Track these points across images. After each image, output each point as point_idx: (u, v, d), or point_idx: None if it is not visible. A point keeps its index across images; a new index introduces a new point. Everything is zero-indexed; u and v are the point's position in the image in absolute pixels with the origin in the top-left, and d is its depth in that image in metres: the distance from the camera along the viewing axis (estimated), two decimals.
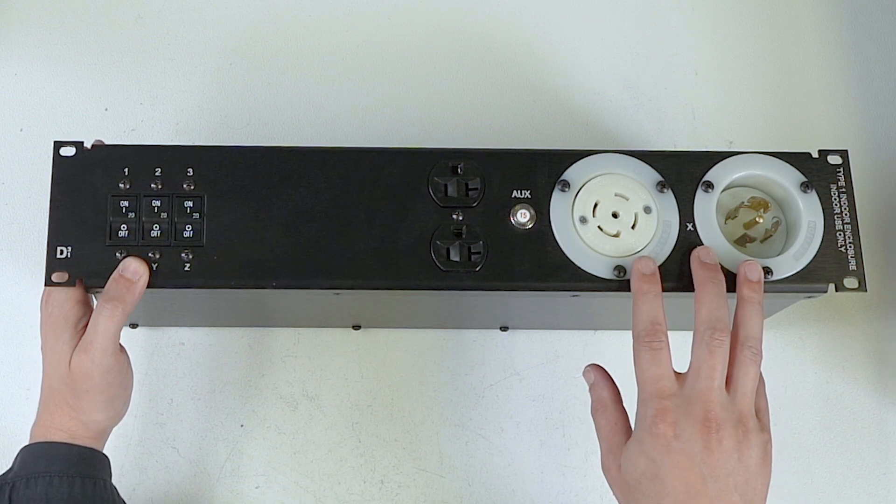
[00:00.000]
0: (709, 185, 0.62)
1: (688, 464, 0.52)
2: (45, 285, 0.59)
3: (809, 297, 0.62)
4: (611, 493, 0.56)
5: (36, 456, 0.58)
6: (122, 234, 0.59)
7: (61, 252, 0.59)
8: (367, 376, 0.73)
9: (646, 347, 0.55)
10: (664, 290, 0.59)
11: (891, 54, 0.83)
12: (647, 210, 0.61)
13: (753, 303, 0.57)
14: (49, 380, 0.59)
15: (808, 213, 0.61)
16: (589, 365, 0.61)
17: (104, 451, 0.61)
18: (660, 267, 0.60)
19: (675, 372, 0.55)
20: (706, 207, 0.61)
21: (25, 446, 0.59)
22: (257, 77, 0.80)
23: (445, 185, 0.61)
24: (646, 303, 0.57)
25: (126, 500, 0.68)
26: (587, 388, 0.60)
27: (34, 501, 0.56)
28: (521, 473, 0.71)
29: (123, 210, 0.60)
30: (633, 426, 0.56)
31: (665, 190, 0.62)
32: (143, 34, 0.81)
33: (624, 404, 0.58)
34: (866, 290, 0.61)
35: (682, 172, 0.62)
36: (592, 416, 0.58)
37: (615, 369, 0.74)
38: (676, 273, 0.60)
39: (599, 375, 0.60)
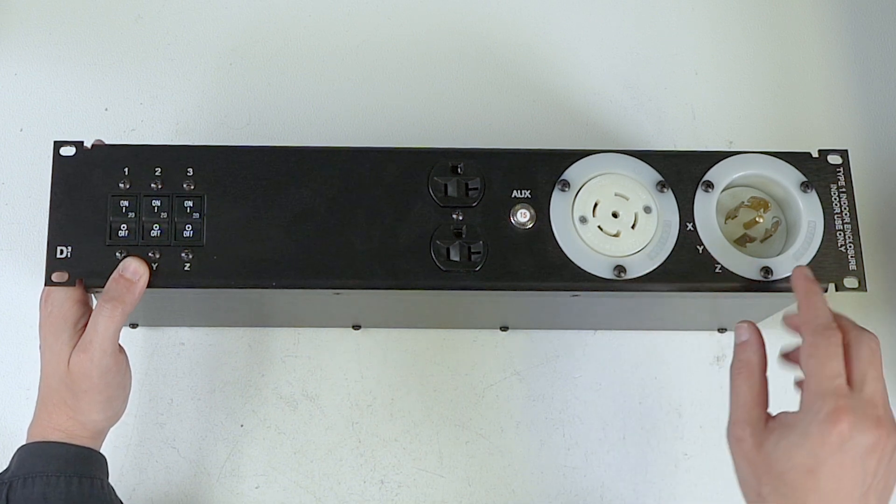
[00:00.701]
0: (709, 185, 0.62)
1: (851, 465, 0.50)
2: (45, 285, 0.59)
3: None
4: (611, 493, 0.56)
5: (33, 455, 0.58)
6: (122, 233, 0.59)
7: (61, 252, 0.59)
8: (367, 376, 0.73)
9: (825, 341, 0.52)
10: (663, 290, 0.59)
11: (891, 54, 0.83)
12: (647, 210, 0.61)
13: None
14: (47, 379, 0.59)
15: (808, 212, 0.62)
16: (744, 321, 0.57)
17: (101, 451, 0.61)
18: (660, 267, 0.60)
19: None
20: (706, 207, 0.61)
21: (22, 446, 0.59)
22: (257, 77, 0.80)
23: (445, 185, 0.61)
24: (819, 298, 0.55)
25: (126, 500, 0.68)
26: (588, 387, 0.60)
27: (32, 501, 0.56)
28: (521, 473, 0.71)
29: (123, 210, 0.60)
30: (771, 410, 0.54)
31: (665, 190, 0.62)
32: (143, 34, 0.81)
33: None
34: (866, 290, 0.61)
35: (682, 172, 0.62)
36: (733, 377, 0.56)
37: (615, 369, 0.74)
38: (676, 273, 0.60)
39: (754, 337, 0.56)
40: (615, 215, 0.61)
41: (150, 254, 0.59)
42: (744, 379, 0.55)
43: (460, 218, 0.61)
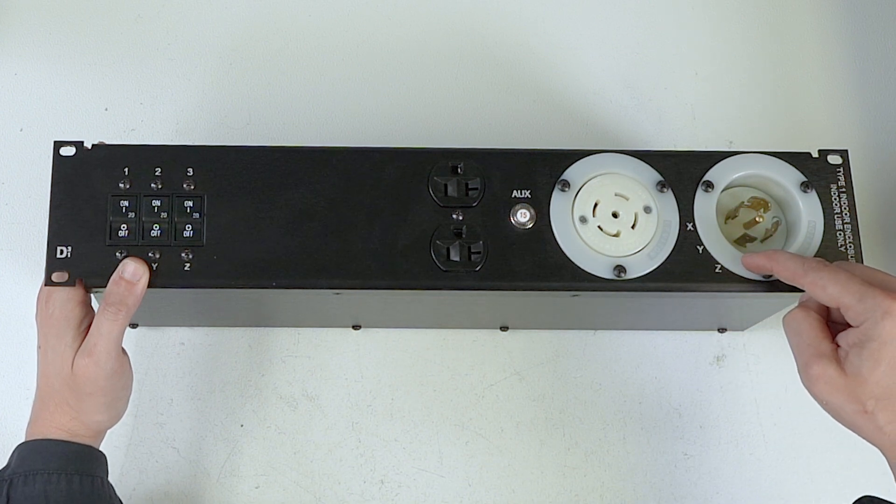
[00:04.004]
0: (709, 185, 0.62)
1: None
2: (45, 285, 0.59)
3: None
4: (611, 493, 0.56)
5: (34, 453, 0.58)
6: (122, 233, 0.59)
7: (61, 252, 0.59)
8: (367, 376, 0.73)
9: (819, 270, 0.54)
10: (663, 290, 0.59)
11: (891, 54, 0.83)
12: (647, 210, 0.61)
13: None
14: (49, 380, 0.59)
15: (808, 213, 0.62)
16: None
17: (101, 449, 0.61)
18: (660, 267, 0.60)
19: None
20: (706, 207, 0.61)
21: (22, 443, 0.59)
22: (257, 77, 0.80)
23: (445, 185, 0.61)
24: (781, 254, 0.57)
25: (126, 500, 0.68)
26: (588, 387, 0.60)
27: (33, 498, 0.56)
28: (521, 473, 0.71)
29: (123, 210, 0.60)
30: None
31: (665, 190, 0.62)
32: (143, 34, 0.81)
33: None
34: None
35: (682, 172, 0.62)
36: (787, 323, 0.56)
37: (615, 369, 0.74)
38: (676, 273, 0.60)
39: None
40: (615, 215, 0.61)
41: (150, 254, 0.59)
42: (800, 319, 0.55)
43: (460, 218, 0.61)
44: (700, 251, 0.61)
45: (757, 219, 0.62)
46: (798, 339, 0.55)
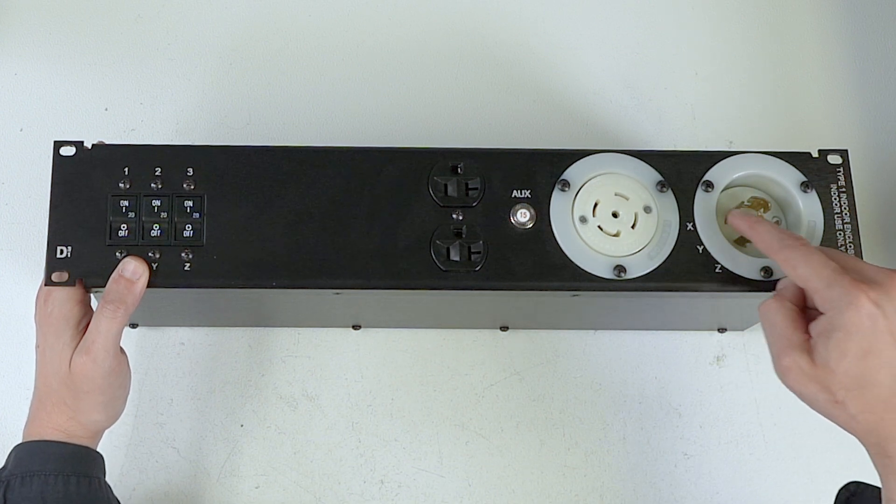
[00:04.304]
0: (709, 185, 0.62)
1: (892, 325, 0.50)
2: (45, 285, 0.59)
3: None
4: (611, 493, 0.56)
5: (31, 454, 0.58)
6: (122, 233, 0.59)
7: (61, 252, 0.59)
8: (367, 376, 0.73)
9: (794, 248, 0.54)
10: (663, 290, 0.59)
11: (891, 54, 0.83)
12: (647, 210, 0.61)
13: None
14: (47, 379, 0.59)
15: (808, 213, 0.62)
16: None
17: (98, 450, 0.61)
18: (660, 267, 0.60)
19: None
20: (706, 207, 0.61)
21: (19, 444, 0.59)
22: (257, 77, 0.80)
23: (445, 185, 0.61)
24: (763, 224, 0.57)
25: (126, 500, 0.68)
26: (588, 387, 0.60)
27: (30, 500, 0.56)
28: (521, 473, 0.71)
29: (123, 210, 0.60)
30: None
31: (665, 190, 0.62)
32: (143, 34, 0.81)
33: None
34: None
35: (682, 172, 0.62)
36: (762, 313, 0.56)
37: (615, 369, 0.74)
38: (676, 273, 0.60)
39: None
40: (615, 215, 0.61)
41: (150, 254, 0.59)
42: (774, 310, 0.55)
43: (460, 218, 0.61)
44: (700, 251, 0.61)
45: None
46: (771, 330, 0.55)
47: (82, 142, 0.61)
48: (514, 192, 0.61)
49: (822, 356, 0.52)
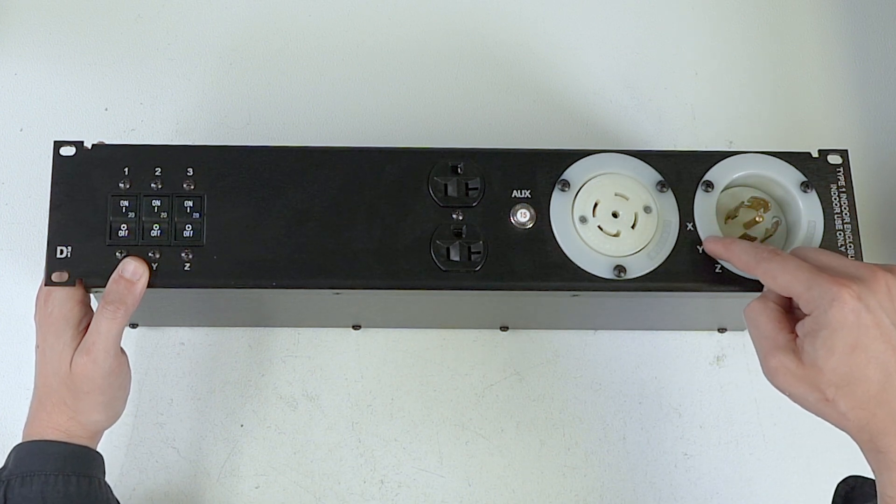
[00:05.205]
0: (709, 185, 0.62)
1: (877, 320, 0.51)
2: (45, 285, 0.59)
3: None
4: (611, 493, 0.56)
5: (31, 454, 0.58)
6: (122, 233, 0.59)
7: (61, 252, 0.59)
8: (367, 376, 0.73)
9: (769, 259, 0.54)
10: (663, 290, 0.59)
11: (891, 54, 0.83)
12: (647, 210, 0.61)
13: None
14: (47, 379, 0.59)
15: (808, 213, 0.62)
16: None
17: (98, 450, 0.61)
18: (660, 267, 0.60)
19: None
20: (706, 207, 0.62)
21: (19, 444, 0.59)
22: (257, 77, 0.80)
23: (445, 185, 0.61)
24: (737, 244, 0.58)
25: (126, 500, 0.68)
26: (588, 387, 0.60)
27: (30, 500, 0.56)
28: (521, 473, 0.71)
29: (123, 210, 0.60)
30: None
31: (665, 190, 0.62)
32: (143, 34, 0.81)
33: None
34: None
35: (682, 172, 0.62)
36: (747, 315, 0.56)
37: (615, 369, 0.74)
38: (676, 273, 0.60)
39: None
40: (615, 215, 0.61)
41: (150, 254, 0.59)
42: (758, 312, 0.55)
43: (460, 218, 0.61)
44: (700, 251, 0.61)
45: (757, 219, 0.62)
46: (757, 332, 0.55)
47: (82, 142, 0.61)
48: (514, 192, 0.61)
49: (809, 355, 0.52)
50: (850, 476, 0.57)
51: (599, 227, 0.61)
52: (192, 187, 0.60)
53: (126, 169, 0.60)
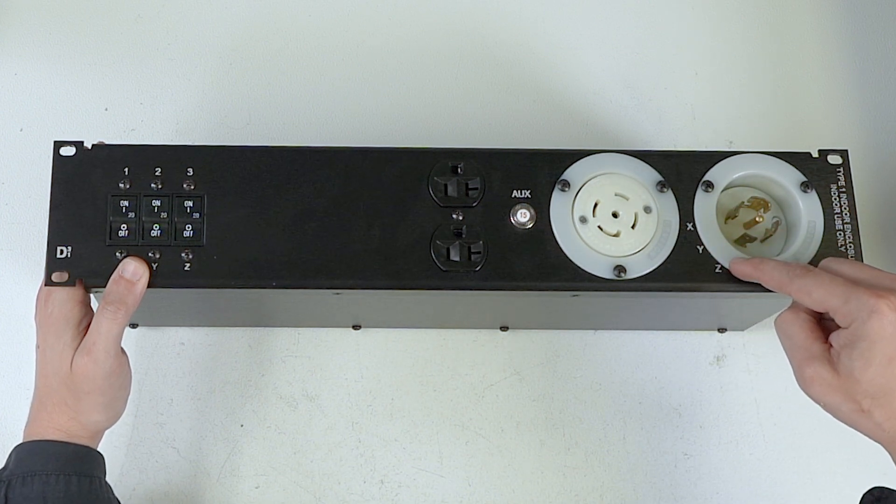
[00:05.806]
0: (709, 185, 0.62)
1: None
2: (45, 285, 0.59)
3: None
4: (611, 493, 0.56)
5: (32, 454, 0.58)
6: (122, 233, 0.59)
7: (61, 252, 0.59)
8: (367, 376, 0.73)
9: (803, 276, 0.54)
10: (663, 290, 0.59)
11: (891, 54, 0.83)
12: (647, 210, 0.61)
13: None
14: (47, 380, 0.59)
15: (808, 213, 0.61)
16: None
17: (98, 450, 0.61)
18: (660, 267, 0.60)
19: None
20: (706, 207, 0.61)
21: (20, 444, 0.59)
22: (257, 77, 0.80)
23: (445, 185, 0.61)
24: (767, 264, 0.57)
25: (126, 500, 0.68)
26: (588, 387, 0.60)
27: (31, 500, 0.56)
28: (521, 473, 0.71)
29: (123, 210, 0.60)
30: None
31: (665, 190, 0.62)
32: (143, 34, 0.81)
33: None
34: None
35: (682, 172, 0.62)
36: (778, 326, 0.56)
37: (615, 369, 0.74)
38: (676, 273, 0.60)
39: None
40: (615, 215, 0.61)
41: (150, 254, 0.59)
42: (790, 322, 0.55)
43: (460, 218, 0.61)
44: (700, 251, 0.61)
45: (757, 219, 0.62)
46: (790, 343, 0.55)
47: (82, 142, 0.61)
48: (514, 192, 0.61)
49: (846, 366, 0.52)
50: (875, 487, 0.57)
51: (599, 227, 0.61)
52: (192, 187, 0.60)
53: (126, 169, 0.60)
